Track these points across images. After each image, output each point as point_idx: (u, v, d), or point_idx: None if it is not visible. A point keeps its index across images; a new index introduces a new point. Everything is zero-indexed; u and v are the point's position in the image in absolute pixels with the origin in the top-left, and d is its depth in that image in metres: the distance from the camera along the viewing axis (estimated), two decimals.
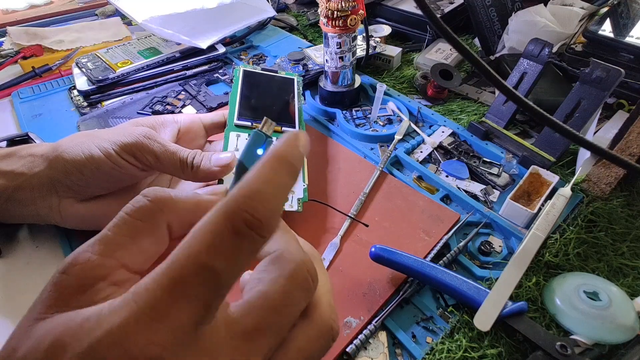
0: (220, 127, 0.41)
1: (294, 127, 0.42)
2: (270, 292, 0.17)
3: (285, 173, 0.16)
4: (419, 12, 0.65)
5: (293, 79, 0.47)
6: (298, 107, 0.44)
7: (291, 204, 0.35)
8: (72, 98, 0.55)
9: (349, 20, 0.45)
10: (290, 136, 0.17)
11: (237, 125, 0.39)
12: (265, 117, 0.24)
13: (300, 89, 0.47)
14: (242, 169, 0.22)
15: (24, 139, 0.44)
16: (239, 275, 0.15)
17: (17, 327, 0.16)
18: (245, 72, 0.45)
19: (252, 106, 0.42)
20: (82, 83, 0.55)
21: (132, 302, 0.14)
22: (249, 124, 0.40)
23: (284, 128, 0.41)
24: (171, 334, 0.14)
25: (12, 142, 0.44)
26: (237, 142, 0.38)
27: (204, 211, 0.15)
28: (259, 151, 0.26)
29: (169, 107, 0.53)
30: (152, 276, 0.14)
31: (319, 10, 0.46)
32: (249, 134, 0.37)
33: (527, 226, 0.37)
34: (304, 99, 0.53)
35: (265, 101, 0.43)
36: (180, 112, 0.53)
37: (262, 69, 0.47)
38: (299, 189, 0.36)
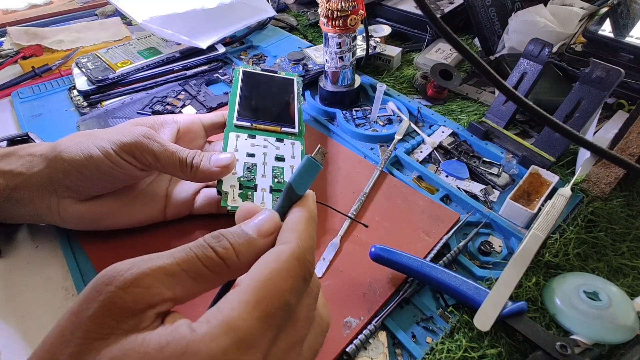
0: (219, 127, 0.41)
1: (294, 127, 0.41)
2: (300, 312, 0.20)
3: (314, 231, 0.21)
4: (419, 12, 0.65)
5: (293, 80, 0.47)
6: (298, 108, 0.44)
7: None
8: (72, 98, 0.55)
9: (349, 20, 0.45)
10: (313, 199, 0.23)
11: (237, 126, 0.39)
12: (319, 146, 0.24)
13: (300, 89, 0.47)
14: (291, 193, 0.23)
15: (24, 139, 0.44)
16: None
17: (58, 339, 0.16)
18: (244, 72, 0.45)
19: (252, 107, 0.42)
20: (82, 83, 0.55)
21: (229, 331, 0.16)
22: (248, 124, 0.40)
23: (283, 128, 0.41)
24: (262, 357, 0.17)
25: (12, 142, 0.44)
26: (237, 143, 0.38)
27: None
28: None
29: (168, 107, 0.53)
30: (243, 308, 0.17)
31: (319, 10, 0.46)
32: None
33: (527, 226, 0.37)
34: (304, 99, 0.53)
35: (265, 101, 0.43)
36: (180, 112, 0.53)
37: (262, 70, 0.47)
38: None
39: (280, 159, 0.37)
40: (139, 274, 0.17)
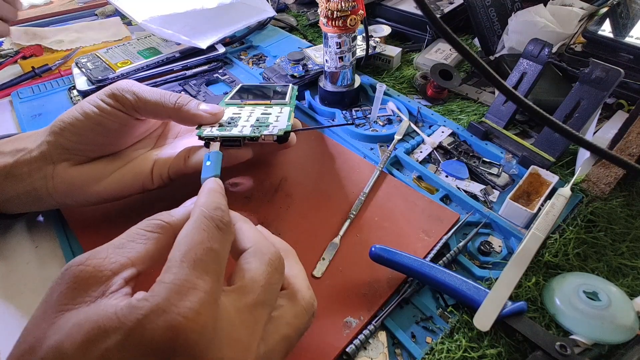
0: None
1: (284, 99, 0.42)
2: (258, 276, 0.22)
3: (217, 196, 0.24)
4: (418, 12, 0.65)
5: (288, 86, 0.47)
6: (290, 97, 0.43)
7: (271, 130, 0.35)
8: (71, 98, 0.55)
9: (348, 21, 0.45)
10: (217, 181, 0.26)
11: (227, 104, 0.41)
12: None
13: (294, 93, 0.46)
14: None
15: None
16: (227, 255, 0.22)
17: (36, 320, 0.19)
18: (242, 87, 0.46)
19: (245, 96, 0.43)
20: (81, 83, 0.55)
21: (168, 284, 0.18)
22: (238, 101, 0.41)
23: (273, 101, 0.41)
24: (202, 299, 0.18)
25: None
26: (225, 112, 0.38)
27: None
28: (207, 163, 0.30)
29: None
30: (173, 263, 0.19)
31: (318, 11, 0.46)
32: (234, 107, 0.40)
33: (527, 226, 0.37)
34: (298, 101, 0.51)
35: (258, 94, 0.44)
36: None
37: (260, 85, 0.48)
38: (281, 124, 0.36)
39: (266, 114, 0.38)
40: (92, 251, 0.20)
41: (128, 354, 0.17)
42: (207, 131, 0.34)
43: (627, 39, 0.53)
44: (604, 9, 0.62)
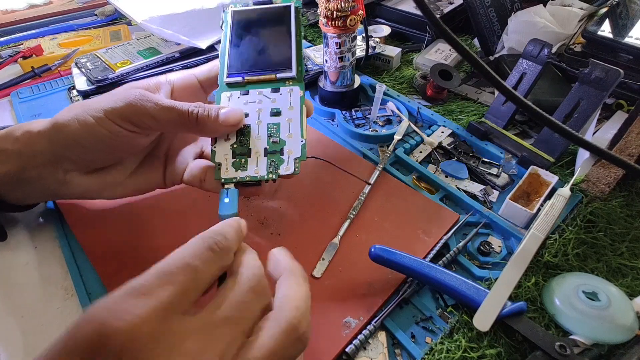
0: (217, 80, 0.37)
1: (291, 70, 0.35)
2: (228, 293, 0.21)
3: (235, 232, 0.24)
4: (418, 12, 0.65)
5: (289, 7, 0.39)
6: (295, 43, 0.37)
7: (287, 165, 0.31)
8: (71, 98, 0.55)
9: (348, 21, 0.45)
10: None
11: (228, 84, 0.35)
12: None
13: (299, 17, 0.38)
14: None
15: None
16: (211, 276, 0.21)
17: None
18: (234, 13, 0.39)
19: (243, 56, 0.36)
20: (81, 83, 0.55)
21: (127, 287, 0.18)
22: (239, 79, 0.35)
23: (278, 75, 0.35)
24: (151, 306, 0.18)
25: None
26: (229, 104, 0.34)
27: None
28: (226, 200, 0.30)
29: None
30: (146, 274, 0.19)
31: (318, 11, 0.46)
32: (241, 91, 0.34)
33: (527, 226, 0.38)
34: (303, 33, 0.40)
35: (258, 45, 0.37)
36: None
37: (255, 3, 0.40)
38: (296, 146, 0.32)
39: (276, 113, 0.33)
40: None
41: (62, 350, 0.17)
42: (224, 172, 0.31)
43: (627, 39, 0.53)
44: (604, 9, 0.62)
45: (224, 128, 0.32)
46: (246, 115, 0.33)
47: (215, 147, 0.32)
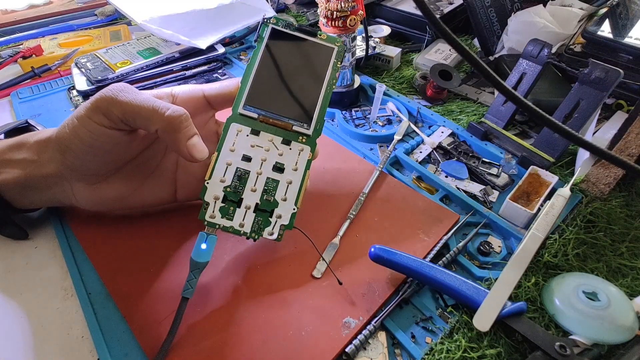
0: (228, 100, 0.34)
1: (309, 126, 0.32)
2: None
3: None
4: (418, 12, 0.65)
5: (332, 49, 0.34)
6: (323, 96, 0.33)
7: (272, 230, 0.30)
8: (71, 98, 0.55)
9: (348, 21, 0.45)
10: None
11: (242, 115, 0.32)
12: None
13: (339, 62, 0.34)
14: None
15: (25, 127, 0.45)
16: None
17: None
18: (274, 31, 0.35)
19: (267, 88, 0.33)
20: (81, 83, 0.55)
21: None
22: (255, 115, 0.32)
23: (295, 127, 0.32)
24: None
25: (13, 131, 0.44)
26: (236, 140, 0.31)
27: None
28: (203, 245, 0.29)
29: None
30: None
31: (318, 11, 0.46)
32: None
33: (526, 226, 0.38)
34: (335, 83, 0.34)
35: (287, 80, 0.33)
36: None
37: (298, 28, 0.35)
38: (286, 213, 0.31)
39: (279, 168, 0.31)
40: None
41: None
42: (209, 214, 0.30)
43: (627, 40, 0.53)
44: (604, 10, 0.62)
45: (187, 157, 0.29)
46: (249, 159, 0.31)
47: (208, 183, 0.30)
